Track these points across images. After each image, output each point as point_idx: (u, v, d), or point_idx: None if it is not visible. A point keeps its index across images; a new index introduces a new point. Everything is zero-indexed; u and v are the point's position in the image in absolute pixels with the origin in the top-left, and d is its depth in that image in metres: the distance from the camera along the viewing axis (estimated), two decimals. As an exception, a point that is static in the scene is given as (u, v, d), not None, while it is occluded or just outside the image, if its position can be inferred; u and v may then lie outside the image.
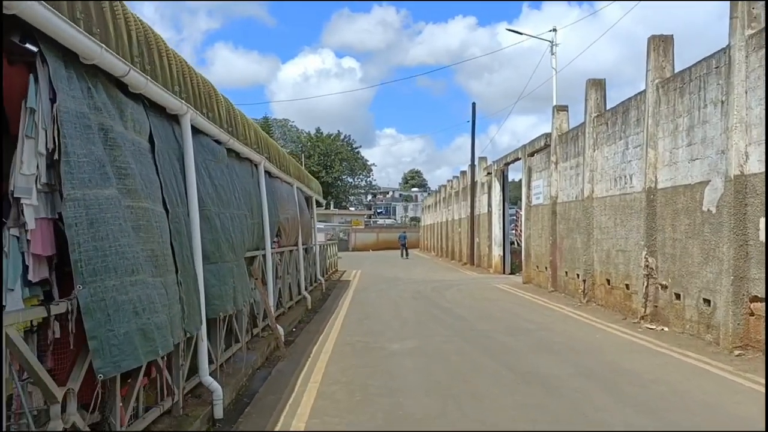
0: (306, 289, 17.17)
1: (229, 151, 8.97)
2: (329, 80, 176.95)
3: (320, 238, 58.07)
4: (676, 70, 12.68)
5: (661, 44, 13.01)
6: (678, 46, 13.21)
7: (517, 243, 32.12)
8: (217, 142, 8.29)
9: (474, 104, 35.99)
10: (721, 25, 10.43)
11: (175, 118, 6.56)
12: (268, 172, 11.84)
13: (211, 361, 7.05)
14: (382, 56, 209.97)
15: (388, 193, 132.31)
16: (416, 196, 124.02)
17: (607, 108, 16.21)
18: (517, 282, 24.62)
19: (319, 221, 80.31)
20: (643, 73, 13.45)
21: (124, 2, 5.07)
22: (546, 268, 21.18)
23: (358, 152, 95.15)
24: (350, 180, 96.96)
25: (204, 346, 6.67)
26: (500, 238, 29.75)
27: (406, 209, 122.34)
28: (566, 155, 19.03)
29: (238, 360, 8.55)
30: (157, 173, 5.70)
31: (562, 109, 20.19)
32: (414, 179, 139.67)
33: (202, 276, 6.61)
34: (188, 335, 5.94)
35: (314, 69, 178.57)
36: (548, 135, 21.42)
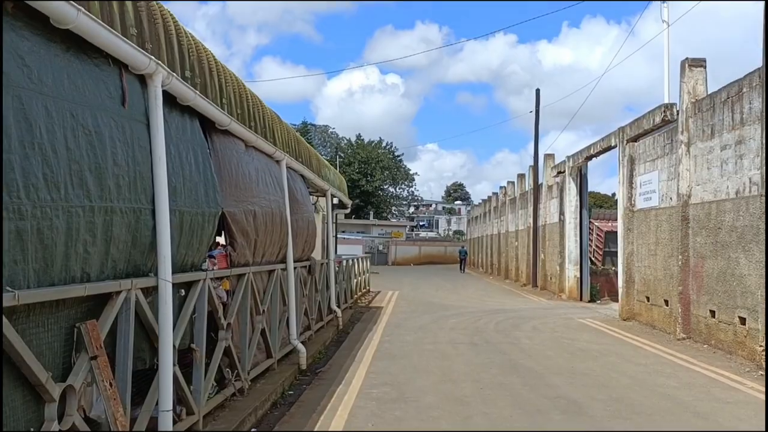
0: (301, 335, 10.89)
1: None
2: (373, 95, 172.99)
3: (356, 250, 52.10)
4: None
5: None
6: None
7: (592, 261, 25.35)
8: None
9: (538, 90, 29.47)
10: None
11: None
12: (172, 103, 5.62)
13: None
14: (424, 72, 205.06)
15: (430, 205, 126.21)
16: (459, 209, 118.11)
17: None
18: (609, 316, 17.88)
19: (358, 232, 74.62)
20: None
21: None
22: (665, 302, 14.44)
23: (400, 161, 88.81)
24: (392, 189, 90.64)
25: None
26: (576, 255, 22.99)
27: (449, 222, 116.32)
28: (711, 130, 12.33)
29: None
30: None
31: (696, 64, 13.49)
32: (457, 192, 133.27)
33: None
34: None
35: (358, 84, 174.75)
36: (668, 106, 14.75)
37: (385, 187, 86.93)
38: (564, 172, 24.00)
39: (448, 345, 12.59)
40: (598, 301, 22.51)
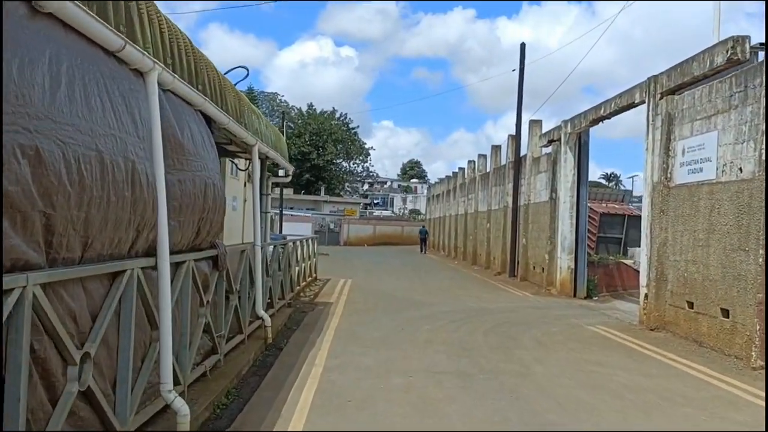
0: (196, 368, 6.31)
1: None
2: (327, 68, 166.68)
3: (304, 229, 47.24)
4: None
5: None
6: None
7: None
8: None
9: (523, 45, 25.00)
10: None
11: None
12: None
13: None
14: (380, 46, 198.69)
15: (386, 183, 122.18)
16: (416, 187, 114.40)
17: None
18: (623, 322, 13.78)
19: (307, 209, 69.52)
20: None
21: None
22: (724, 312, 10.33)
23: (355, 134, 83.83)
24: (345, 164, 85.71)
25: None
26: (571, 242, 18.87)
27: (404, 201, 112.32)
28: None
29: None
30: None
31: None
32: (414, 169, 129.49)
33: None
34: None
35: (312, 56, 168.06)
36: (738, 40, 10.56)
37: (338, 161, 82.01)
38: (558, 140, 19.75)
39: (428, 378, 8.18)
40: (596, 298, 18.47)
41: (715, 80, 11.21)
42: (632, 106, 14.76)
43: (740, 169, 10.12)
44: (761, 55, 10.93)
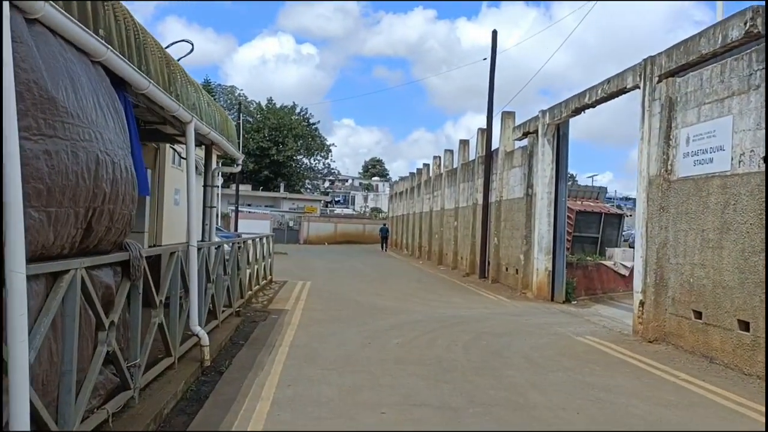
0: (98, 410, 4.49)
1: None
2: (288, 65, 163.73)
3: (263, 227, 45.03)
4: None
5: None
6: None
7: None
8: None
9: (495, 32, 23.47)
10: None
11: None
12: None
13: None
14: (341, 44, 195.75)
15: (347, 180, 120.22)
16: (377, 185, 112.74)
17: None
18: (613, 331, 12.33)
19: (266, 206, 67.07)
20: None
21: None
22: (743, 324, 8.89)
23: (316, 129, 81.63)
24: (305, 161, 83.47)
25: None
26: (549, 241, 17.42)
27: (366, 199, 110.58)
28: None
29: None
30: None
31: None
32: (375, 167, 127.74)
33: None
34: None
35: (272, 53, 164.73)
36: (759, 10, 9.13)
37: (299, 157, 79.75)
38: (535, 132, 18.27)
39: (406, 415, 6.48)
40: (575, 302, 17.06)
41: (728, 58, 9.77)
42: (623, 91, 13.31)
43: (764, 159, 8.68)
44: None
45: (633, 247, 23.52)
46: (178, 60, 9.12)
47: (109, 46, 4.88)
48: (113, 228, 5.03)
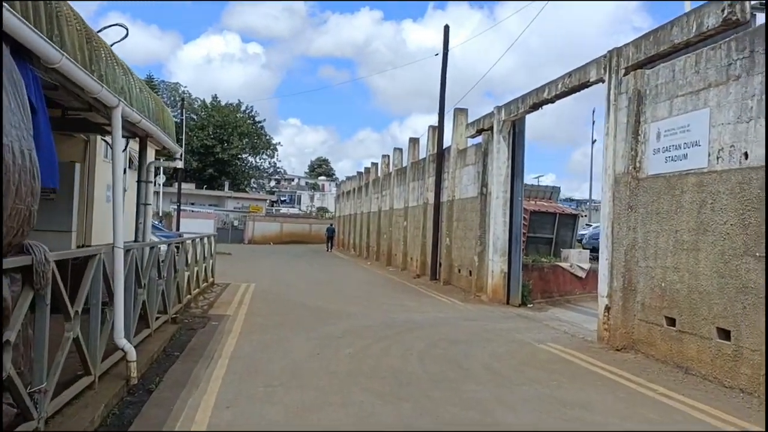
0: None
1: None
2: (233, 64, 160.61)
3: (206, 226, 43.30)
4: None
5: None
6: None
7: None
8: None
9: (447, 27, 22.75)
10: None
11: None
12: None
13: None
14: (287, 44, 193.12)
15: (293, 180, 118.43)
16: (323, 185, 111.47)
17: None
18: (576, 337, 11.72)
19: (210, 205, 65.02)
20: None
21: None
22: (722, 332, 8.30)
23: (261, 128, 79.80)
24: (251, 159, 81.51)
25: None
26: (504, 242, 16.76)
27: (312, 198, 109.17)
28: None
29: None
30: None
31: None
32: (321, 167, 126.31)
33: None
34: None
35: (218, 51, 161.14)
36: (738, -3, 8.58)
37: (244, 156, 77.82)
38: (490, 129, 17.61)
39: (365, 443, 5.59)
40: (531, 305, 16.46)
41: (704, 48, 9.21)
42: (585, 85, 12.72)
43: (745, 155, 8.12)
44: (760, 17, 9.05)
45: (587, 249, 23.25)
46: (112, 45, 7.99)
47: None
48: (7, 227, 3.96)
